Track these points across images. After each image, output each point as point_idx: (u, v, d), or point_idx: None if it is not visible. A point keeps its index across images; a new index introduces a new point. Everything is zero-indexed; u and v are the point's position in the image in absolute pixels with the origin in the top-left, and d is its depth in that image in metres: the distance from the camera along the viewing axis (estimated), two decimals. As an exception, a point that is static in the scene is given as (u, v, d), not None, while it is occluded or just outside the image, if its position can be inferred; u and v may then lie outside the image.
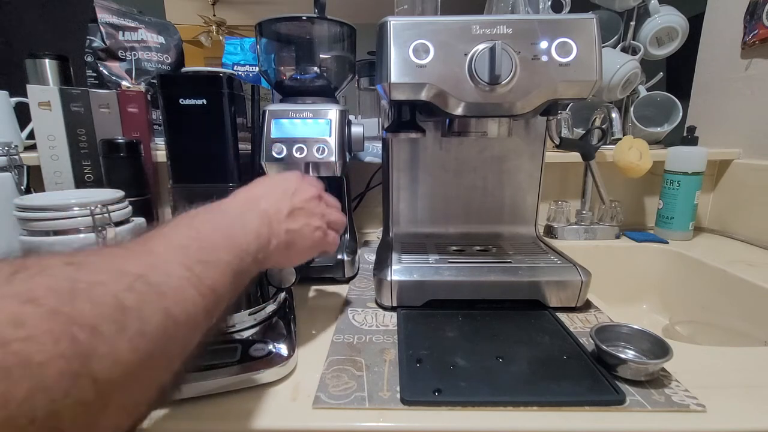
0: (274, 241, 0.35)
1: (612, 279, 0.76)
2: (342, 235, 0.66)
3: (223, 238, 0.30)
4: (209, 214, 0.32)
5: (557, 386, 0.35)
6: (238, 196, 0.37)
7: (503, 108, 0.46)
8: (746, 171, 0.80)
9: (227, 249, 0.29)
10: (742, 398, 0.35)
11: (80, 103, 0.71)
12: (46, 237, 0.56)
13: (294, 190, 0.40)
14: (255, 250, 0.32)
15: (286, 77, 0.65)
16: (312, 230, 0.40)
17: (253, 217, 0.34)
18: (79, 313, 0.17)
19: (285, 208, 0.38)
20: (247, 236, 0.32)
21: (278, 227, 0.36)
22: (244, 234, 0.32)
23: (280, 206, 0.38)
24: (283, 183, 0.41)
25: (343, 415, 0.33)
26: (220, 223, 0.31)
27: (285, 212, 0.38)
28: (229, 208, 0.35)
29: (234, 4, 3.40)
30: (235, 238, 0.31)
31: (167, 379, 0.22)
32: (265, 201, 0.37)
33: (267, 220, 0.35)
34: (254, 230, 0.33)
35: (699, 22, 0.91)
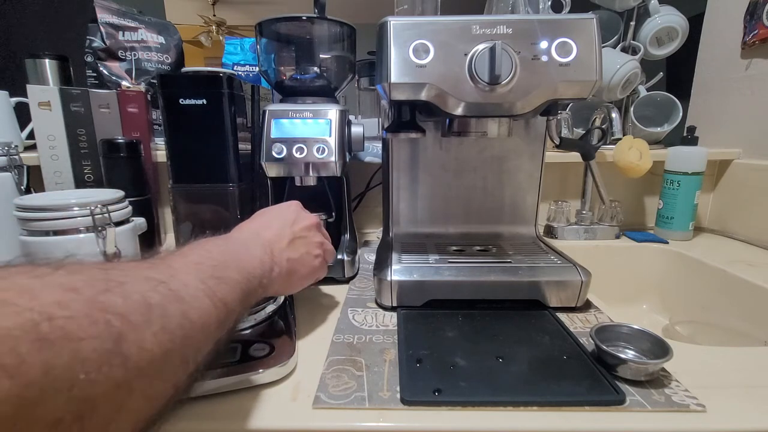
0: (276, 269, 0.37)
1: (612, 279, 0.76)
2: (342, 235, 0.67)
3: (233, 260, 0.31)
4: (219, 240, 0.34)
5: (557, 386, 0.35)
6: (242, 228, 0.40)
7: (503, 108, 0.46)
8: (746, 171, 0.80)
9: (237, 270, 0.31)
10: (742, 398, 0.35)
11: (80, 103, 0.71)
12: (46, 237, 0.56)
13: (293, 220, 0.42)
14: (260, 275, 0.34)
15: (286, 77, 0.65)
16: (312, 258, 0.42)
17: (256, 246, 0.36)
18: (112, 303, 0.19)
19: (286, 238, 0.40)
20: (252, 262, 0.34)
21: (280, 256, 0.38)
22: (249, 259, 0.34)
23: (281, 236, 0.40)
24: (283, 213, 0.43)
25: (343, 415, 0.33)
26: (230, 248, 0.33)
27: (286, 241, 0.40)
28: (235, 238, 0.37)
29: (234, 4, 3.40)
30: (242, 262, 0.32)
31: (182, 378, 0.23)
32: (266, 231, 0.39)
33: (269, 249, 0.37)
34: (258, 257, 0.35)
35: (699, 22, 0.91)
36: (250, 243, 0.36)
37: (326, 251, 0.45)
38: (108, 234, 0.58)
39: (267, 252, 0.36)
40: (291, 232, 0.41)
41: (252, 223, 0.41)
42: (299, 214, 0.44)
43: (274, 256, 0.37)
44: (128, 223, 0.64)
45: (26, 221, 0.56)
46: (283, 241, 0.39)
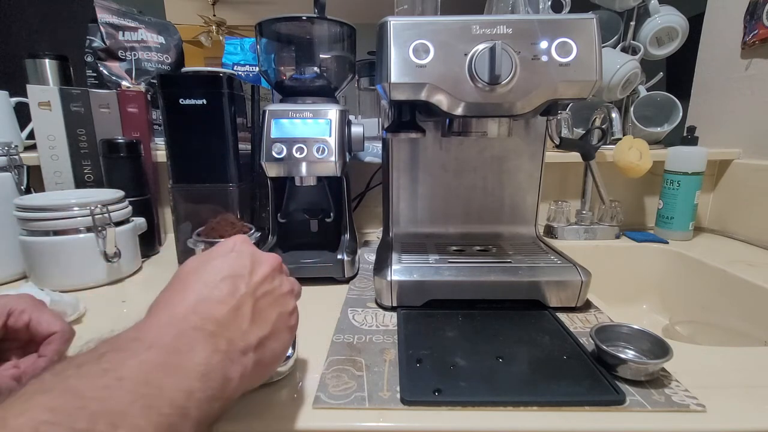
0: (236, 374, 0.24)
1: (612, 279, 0.76)
2: (342, 235, 0.67)
3: (132, 398, 0.18)
4: (112, 352, 0.20)
5: (557, 386, 0.35)
6: (164, 309, 0.24)
7: (503, 108, 0.46)
8: (746, 171, 0.80)
9: (140, 418, 0.18)
10: (742, 398, 0.35)
11: (80, 103, 0.71)
12: (46, 237, 0.56)
13: (249, 269, 0.28)
14: (199, 404, 0.21)
15: (286, 77, 0.65)
16: (287, 318, 0.29)
17: (195, 343, 0.22)
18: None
19: (247, 306, 0.26)
20: (186, 382, 0.21)
21: (244, 344, 0.25)
22: (179, 380, 0.20)
23: (240, 306, 0.26)
24: (229, 263, 0.28)
25: (343, 415, 0.33)
26: (128, 370, 0.19)
27: (248, 313, 0.26)
28: (147, 340, 0.22)
29: (234, 4, 3.40)
30: (160, 394, 0.19)
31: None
32: (208, 307, 0.25)
33: (223, 344, 0.24)
34: (200, 368, 0.22)
35: (699, 22, 0.91)
36: (183, 345, 0.22)
37: (297, 294, 0.32)
38: (108, 234, 0.58)
39: (219, 350, 0.23)
40: (251, 292, 0.27)
41: (179, 296, 0.25)
42: (253, 258, 0.29)
43: (233, 351, 0.24)
44: (128, 223, 0.64)
45: (26, 221, 0.56)
46: (244, 317, 0.26)
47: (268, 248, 0.62)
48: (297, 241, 0.67)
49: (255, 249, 0.31)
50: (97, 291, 0.59)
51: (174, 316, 0.24)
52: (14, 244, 0.58)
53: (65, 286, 0.56)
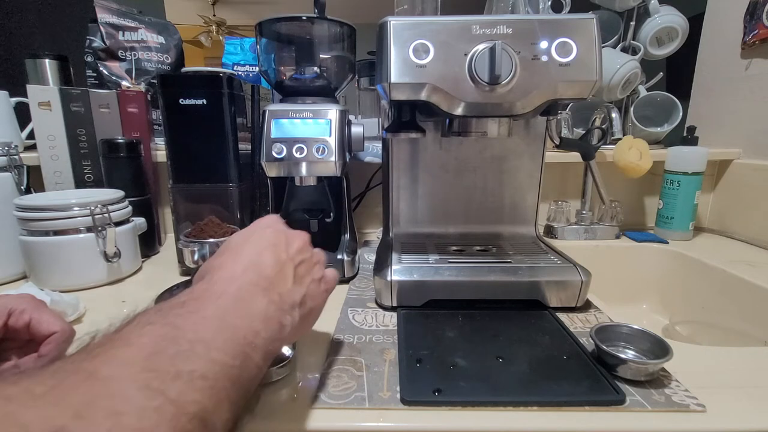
0: (288, 322, 0.28)
1: (612, 279, 0.76)
2: (342, 235, 0.67)
3: (216, 330, 0.23)
4: (192, 300, 0.25)
5: (557, 386, 0.35)
6: (224, 271, 0.28)
7: (503, 108, 0.46)
8: (746, 171, 0.80)
9: (223, 347, 0.22)
10: (742, 398, 0.35)
11: (80, 103, 0.71)
12: (46, 237, 0.56)
13: (285, 242, 0.32)
14: (265, 342, 0.25)
15: (286, 77, 0.65)
16: (317, 285, 0.33)
17: (254, 295, 0.27)
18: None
19: (289, 271, 0.30)
20: (253, 325, 0.25)
21: (290, 300, 0.29)
22: (247, 323, 0.25)
23: (284, 271, 0.30)
24: (267, 237, 0.32)
25: (343, 415, 0.33)
26: (209, 311, 0.24)
27: (290, 277, 0.30)
28: (217, 290, 0.26)
29: (234, 4, 3.41)
30: (235, 330, 0.24)
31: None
32: (263, 269, 0.29)
33: (276, 297, 0.28)
34: (261, 314, 0.26)
35: (699, 22, 0.91)
36: (243, 292, 0.26)
37: (327, 275, 0.36)
38: (108, 234, 0.58)
39: (274, 300, 0.27)
40: (290, 259, 0.31)
41: (233, 260, 0.29)
42: (286, 233, 0.34)
43: (284, 303, 0.28)
44: (128, 223, 0.64)
45: (26, 221, 0.56)
46: (288, 278, 0.30)
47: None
48: (297, 241, 0.67)
49: (284, 226, 0.35)
50: (97, 291, 0.59)
51: (234, 273, 0.28)
52: (14, 244, 0.58)
53: (65, 286, 0.56)
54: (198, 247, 0.49)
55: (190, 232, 0.51)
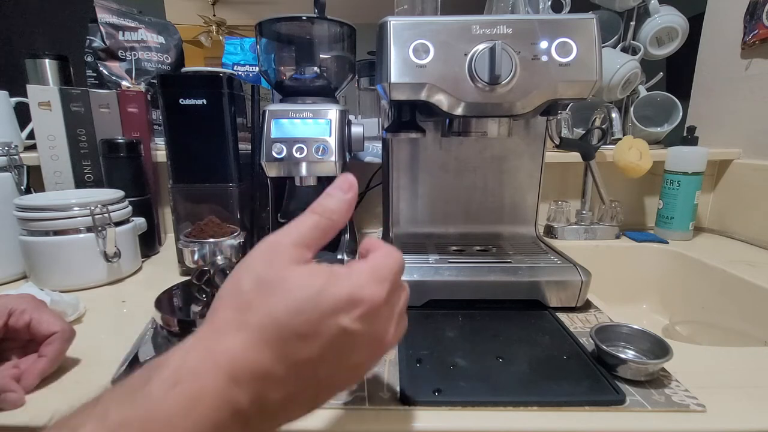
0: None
1: (612, 279, 0.76)
2: (342, 235, 0.67)
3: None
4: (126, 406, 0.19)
5: (557, 386, 0.35)
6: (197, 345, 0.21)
7: (503, 108, 0.46)
8: (746, 171, 0.80)
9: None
10: (742, 398, 0.35)
11: (80, 103, 0.71)
12: (46, 237, 0.56)
13: (350, 348, 0.22)
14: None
15: (286, 77, 0.65)
16: (364, 371, 0.25)
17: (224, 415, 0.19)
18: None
19: (304, 394, 0.23)
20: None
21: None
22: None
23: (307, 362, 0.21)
24: (322, 342, 0.21)
25: (342, 415, 0.33)
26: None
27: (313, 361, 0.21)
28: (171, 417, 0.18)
29: (234, 4, 3.41)
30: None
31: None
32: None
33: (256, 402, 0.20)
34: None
35: (699, 22, 0.91)
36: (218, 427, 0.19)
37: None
38: (108, 234, 0.58)
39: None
40: (323, 374, 0.22)
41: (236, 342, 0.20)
42: (368, 332, 0.22)
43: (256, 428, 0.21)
44: (128, 223, 0.64)
45: (26, 221, 0.56)
46: (294, 401, 0.22)
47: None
48: (297, 241, 0.67)
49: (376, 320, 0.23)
50: (97, 291, 0.59)
51: (233, 378, 0.20)
52: (14, 244, 0.58)
53: (65, 286, 0.56)
54: (198, 247, 0.49)
55: (190, 232, 0.51)
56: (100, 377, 0.37)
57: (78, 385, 0.37)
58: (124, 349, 0.42)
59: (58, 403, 0.35)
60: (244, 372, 0.20)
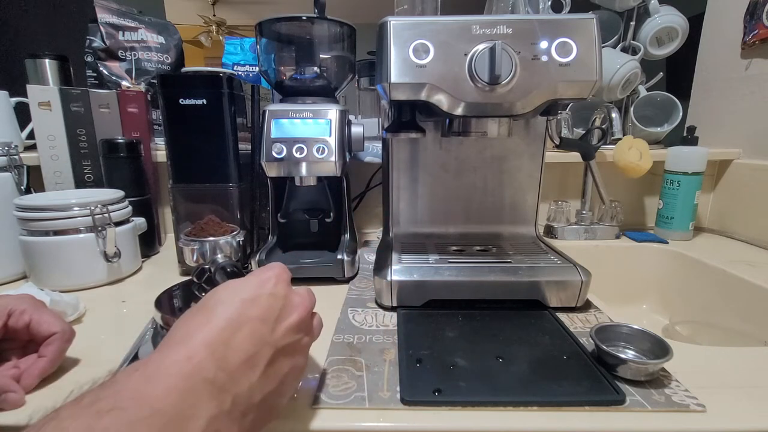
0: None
1: (612, 279, 0.76)
2: (342, 235, 0.67)
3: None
4: (121, 394, 0.20)
5: (557, 386, 0.35)
6: (178, 342, 0.23)
7: (503, 108, 0.46)
8: (746, 171, 0.80)
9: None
10: (742, 398, 0.35)
11: (80, 103, 0.71)
12: (46, 237, 0.56)
13: (277, 316, 0.27)
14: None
15: (286, 77, 0.65)
16: (298, 372, 0.29)
17: (200, 399, 0.22)
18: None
19: (264, 355, 0.25)
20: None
21: (246, 402, 0.24)
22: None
23: (256, 358, 0.25)
24: (260, 304, 0.26)
25: (343, 415, 0.33)
26: (134, 417, 0.19)
27: (263, 364, 0.25)
28: (156, 392, 0.21)
29: (234, 4, 3.41)
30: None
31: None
32: (226, 353, 0.23)
33: (227, 404, 0.23)
34: (199, 429, 0.21)
35: (699, 22, 0.91)
36: (190, 400, 0.21)
37: (314, 335, 0.31)
38: (108, 234, 0.58)
39: (223, 411, 0.22)
40: (273, 342, 0.26)
41: (199, 329, 0.24)
42: (286, 300, 0.28)
43: (234, 410, 0.23)
44: (128, 223, 0.64)
45: (26, 221, 0.56)
46: (256, 370, 0.25)
47: (268, 248, 0.62)
48: (297, 241, 0.67)
49: (291, 290, 0.29)
50: (97, 291, 0.59)
51: (190, 358, 0.22)
52: (14, 244, 0.58)
53: (65, 286, 0.56)
54: (198, 245, 0.49)
55: (191, 231, 0.51)
56: (100, 377, 0.37)
57: (78, 385, 0.37)
58: (124, 349, 0.42)
59: (58, 403, 0.35)
60: (199, 348, 0.23)
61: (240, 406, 0.24)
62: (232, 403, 0.23)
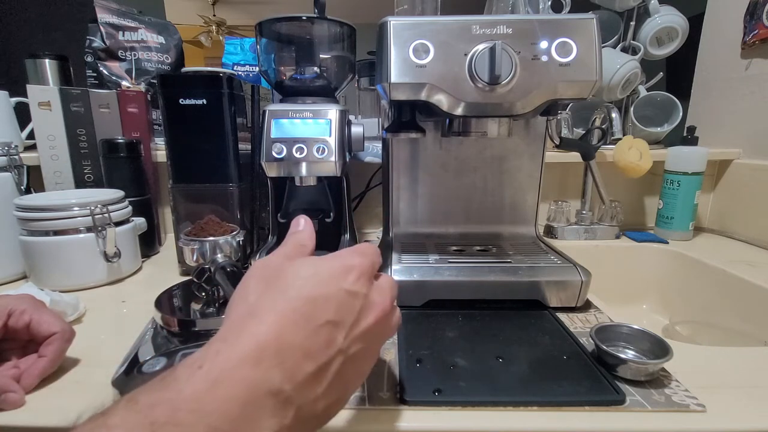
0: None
1: (612, 279, 0.76)
2: (342, 235, 0.67)
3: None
4: (172, 428, 0.18)
5: (557, 386, 0.35)
6: (243, 330, 0.21)
7: (503, 108, 0.46)
8: (746, 171, 0.80)
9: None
10: (742, 398, 0.35)
11: (80, 103, 0.71)
12: (46, 237, 0.56)
13: (355, 317, 0.24)
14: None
15: (286, 77, 0.65)
16: (361, 380, 0.26)
17: (261, 416, 0.20)
18: None
19: (334, 365, 0.22)
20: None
21: (308, 413, 0.22)
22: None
23: (327, 368, 0.22)
24: (335, 302, 0.23)
25: (342, 415, 0.33)
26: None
27: (331, 374, 0.22)
28: (215, 400, 0.19)
29: (234, 4, 3.40)
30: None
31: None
32: (296, 360, 0.21)
33: (288, 419, 0.21)
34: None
35: (699, 22, 0.91)
36: (250, 414, 0.19)
37: (390, 334, 0.28)
38: (108, 234, 0.58)
39: (284, 424, 0.20)
40: (345, 349, 0.23)
41: (267, 318, 0.22)
42: (366, 300, 0.25)
43: (296, 424, 0.21)
44: (128, 223, 0.64)
45: (26, 221, 0.56)
46: (324, 381, 0.22)
47: (268, 248, 0.62)
48: (297, 241, 0.67)
49: (372, 286, 0.26)
50: (97, 291, 0.59)
51: (258, 361, 0.20)
52: (14, 244, 0.58)
53: (65, 286, 0.56)
54: (198, 245, 0.49)
55: (190, 231, 0.51)
56: (100, 377, 0.37)
57: (78, 385, 0.37)
58: (124, 349, 0.42)
59: (58, 403, 0.35)
60: (268, 350, 0.21)
61: (301, 419, 0.22)
62: (294, 417, 0.21)
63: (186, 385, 0.19)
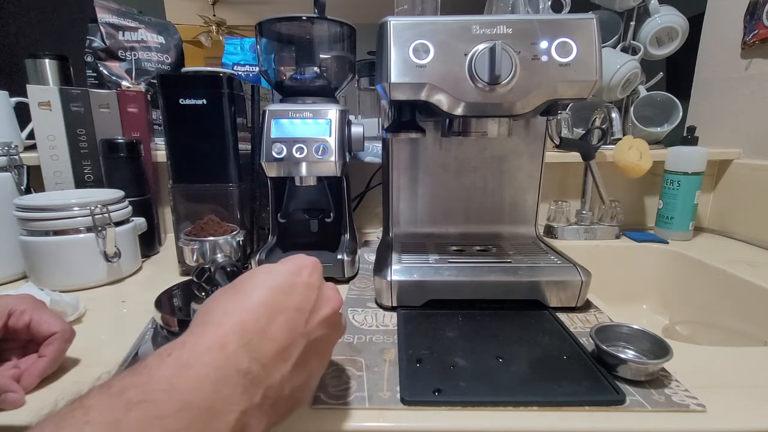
0: (257, 429, 0.23)
1: (612, 279, 0.76)
2: (342, 235, 0.67)
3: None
4: (146, 406, 0.19)
5: (557, 386, 0.35)
6: (210, 324, 0.23)
7: (503, 108, 0.46)
8: (746, 171, 0.80)
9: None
10: (742, 398, 0.35)
11: (80, 103, 0.71)
12: (46, 237, 0.56)
13: (312, 307, 0.27)
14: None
15: (286, 77, 0.65)
16: (323, 368, 0.29)
17: (232, 394, 0.21)
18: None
19: (296, 350, 0.25)
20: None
21: (275, 394, 0.23)
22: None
23: (290, 350, 0.24)
24: (295, 295, 0.26)
25: (343, 415, 0.33)
26: (157, 413, 0.19)
27: (295, 356, 0.25)
28: (187, 382, 0.20)
29: (234, 4, 3.40)
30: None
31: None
32: (261, 342, 0.23)
33: (258, 397, 0.22)
34: (228, 427, 0.21)
35: (699, 22, 0.91)
36: (222, 390, 0.21)
37: (341, 332, 0.31)
38: (108, 234, 0.58)
39: (253, 405, 0.22)
40: (306, 333, 0.26)
41: (233, 313, 0.24)
42: (320, 291, 0.28)
43: (264, 403, 0.23)
44: (128, 223, 0.64)
45: (26, 221, 0.56)
46: (289, 362, 0.24)
47: (268, 248, 0.62)
48: (297, 241, 0.67)
49: (324, 283, 0.29)
50: (97, 291, 0.59)
51: (224, 345, 0.22)
52: (14, 244, 0.58)
53: (65, 286, 0.56)
54: (198, 245, 0.49)
55: (190, 231, 0.51)
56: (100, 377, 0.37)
57: (78, 385, 0.37)
58: (124, 349, 0.42)
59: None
60: (232, 335, 0.23)
61: (270, 399, 0.23)
62: (263, 396, 0.23)
63: (157, 370, 0.20)
